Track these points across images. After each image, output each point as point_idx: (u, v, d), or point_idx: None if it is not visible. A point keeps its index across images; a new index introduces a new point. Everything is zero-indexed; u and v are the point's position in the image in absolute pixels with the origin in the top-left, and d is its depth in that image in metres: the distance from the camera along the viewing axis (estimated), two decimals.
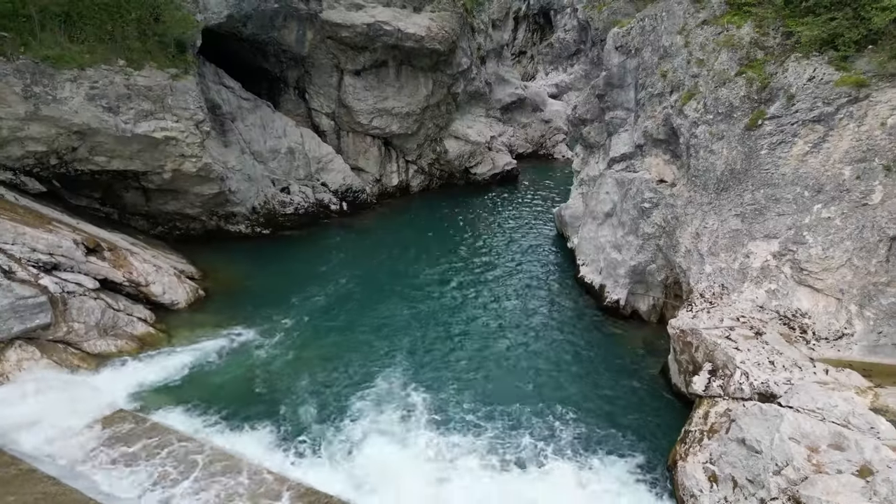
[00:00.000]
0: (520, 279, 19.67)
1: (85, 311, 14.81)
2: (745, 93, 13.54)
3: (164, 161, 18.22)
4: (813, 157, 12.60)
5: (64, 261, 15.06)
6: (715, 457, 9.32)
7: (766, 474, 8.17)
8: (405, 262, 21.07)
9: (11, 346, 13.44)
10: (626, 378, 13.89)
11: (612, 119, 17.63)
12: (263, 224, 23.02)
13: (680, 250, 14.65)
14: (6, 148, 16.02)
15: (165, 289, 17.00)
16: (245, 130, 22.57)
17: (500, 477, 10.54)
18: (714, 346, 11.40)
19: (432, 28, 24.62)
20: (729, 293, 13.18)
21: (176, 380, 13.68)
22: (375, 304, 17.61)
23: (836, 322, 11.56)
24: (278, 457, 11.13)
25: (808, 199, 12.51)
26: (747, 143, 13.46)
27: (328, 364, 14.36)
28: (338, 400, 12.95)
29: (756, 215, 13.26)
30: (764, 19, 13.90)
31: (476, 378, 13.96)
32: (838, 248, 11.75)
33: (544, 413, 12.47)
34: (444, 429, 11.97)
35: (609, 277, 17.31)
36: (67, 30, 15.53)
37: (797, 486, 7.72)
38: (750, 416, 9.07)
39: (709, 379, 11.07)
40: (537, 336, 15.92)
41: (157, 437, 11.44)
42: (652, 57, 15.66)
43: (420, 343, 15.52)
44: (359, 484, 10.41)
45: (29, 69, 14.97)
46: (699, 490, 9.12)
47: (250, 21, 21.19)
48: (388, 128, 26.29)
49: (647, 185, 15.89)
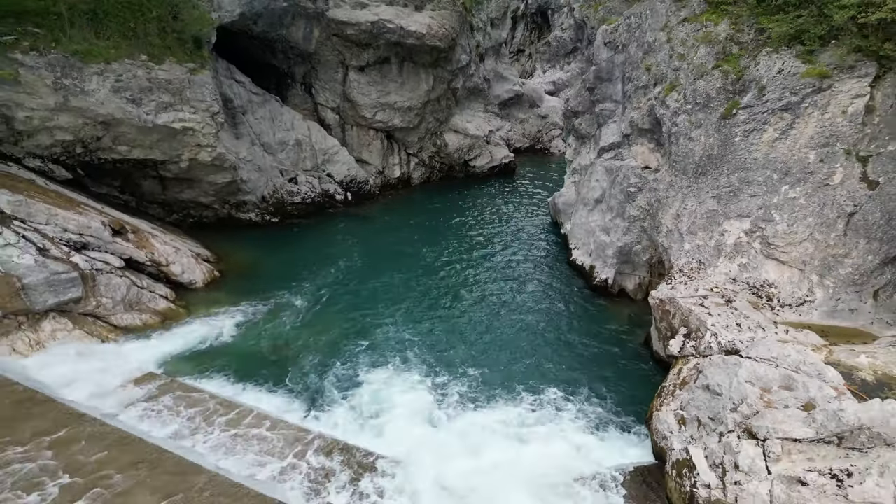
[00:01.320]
0: (515, 262, 20.88)
1: (112, 288, 16.01)
2: (721, 84, 14.72)
3: (182, 150, 19.40)
4: (781, 143, 13.78)
5: (92, 240, 16.26)
6: (684, 404, 10.53)
7: (724, 412, 9.37)
8: (407, 246, 22.27)
9: (46, 318, 14.65)
10: (611, 347, 15.10)
11: (602, 111, 18.82)
12: (273, 212, 24.19)
13: (662, 230, 15.85)
14: (36, 137, 17.20)
15: (184, 269, 18.20)
16: (255, 123, 23.75)
17: (490, 412, 11.86)
18: (689, 312, 12.60)
19: (433, 26, 25.80)
20: (705, 268, 14.37)
21: (197, 349, 14.89)
22: (378, 282, 18.81)
23: (799, 290, 12.77)
24: (296, 412, 12.33)
25: (777, 181, 13.70)
26: (723, 130, 14.64)
27: (335, 332, 15.60)
28: (345, 361, 14.18)
29: (730, 197, 14.45)
30: (739, 17, 15.08)
31: (471, 342, 15.22)
32: (801, 224, 12.95)
33: (534, 371, 13.73)
34: (440, 382, 13.23)
35: (598, 259, 18.50)
36: (94, 26, 16.69)
37: (750, 420, 8.92)
38: (714, 367, 10.27)
39: (683, 341, 12.26)
40: (530, 309, 17.14)
41: (185, 394, 12.62)
42: (637, 52, 16.85)
43: (420, 313, 16.75)
44: (363, 427, 11.67)
45: (59, 63, 16.15)
46: (669, 432, 10.32)
47: (261, 19, 22.37)
48: (391, 121, 27.48)
49: (633, 171, 17.08)
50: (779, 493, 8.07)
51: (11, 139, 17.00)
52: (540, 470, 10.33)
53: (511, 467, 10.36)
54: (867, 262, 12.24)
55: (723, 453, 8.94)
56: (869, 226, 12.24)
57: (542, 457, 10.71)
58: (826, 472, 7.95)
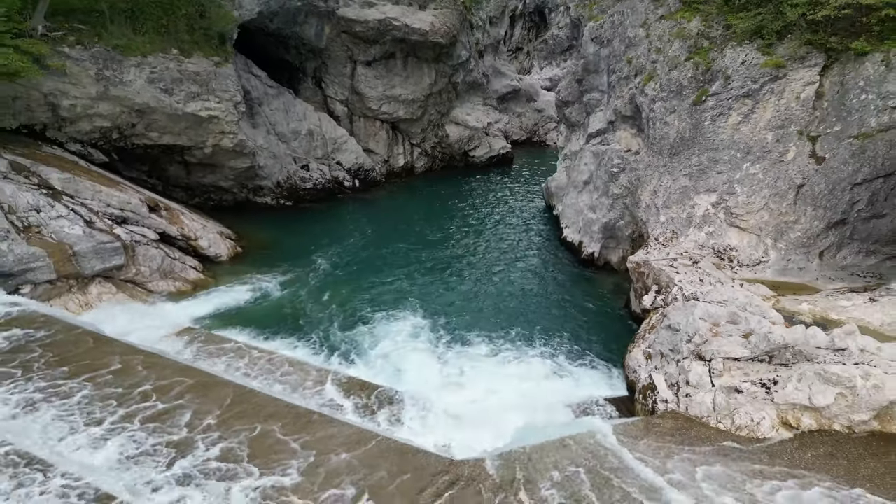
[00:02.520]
0: (510, 239, 22.77)
1: (149, 258, 17.86)
2: (693, 74, 16.55)
3: (207, 137, 21.26)
4: (744, 126, 15.63)
5: (132, 215, 18.12)
6: (651, 343, 12.40)
7: (681, 344, 11.24)
8: (411, 225, 24.16)
9: (93, 282, 16.53)
10: (595, 308, 16.98)
11: (590, 100, 20.68)
12: (286, 197, 26.07)
13: (641, 205, 17.70)
14: (78, 123, 19.06)
15: (210, 244, 20.07)
16: (270, 114, 25.61)
17: (488, 353, 13.79)
18: (660, 272, 14.46)
19: (435, 24, 27.64)
20: (678, 236, 16.24)
21: (227, 310, 16.74)
22: (385, 254, 20.73)
23: (756, 253, 14.63)
24: (318, 357, 14.21)
25: (740, 159, 15.55)
26: (694, 115, 16.48)
27: (349, 294, 17.54)
28: (358, 319, 16.04)
29: (700, 174, 16.31)
30: (709, 14, 16.92)
31: (469, 300, 17.22)
32: (759, 196, 14.81)
33: (526, 324, 15.62)
34: (442, 332, 15.13)
35: (586, 234, 20.37)
36: (132, 23, 18.55)
37: (700, 346, 10.80)
38: (676, 310, 12.14)
39: (655, 296, 14.13)
40: (522, 277, 19.03)
41: (221, 344, 14.49)
42: (620, 46, 18.70)
43: (423, 279, 18.69)
44: (378, 372, 13.52)
45: (101, 56, 18.01)
46: (638, 366, 12.19)
47: (276, 17, 24.23)
48: (396, 113, 29.34)
49: (617, 153, 18.94)
50: (720, 401, 9.95)
51: (56, 125, 18.86)
52: (530, 399, 12.20)
53: (506, 396, 12.23)
54: (813, 226, 14.11)
55: (678, 374, 10.83)
56: (815, 195, 14.10)
57: (532, 388, 12.59)
58: (758, 381, 9.83)
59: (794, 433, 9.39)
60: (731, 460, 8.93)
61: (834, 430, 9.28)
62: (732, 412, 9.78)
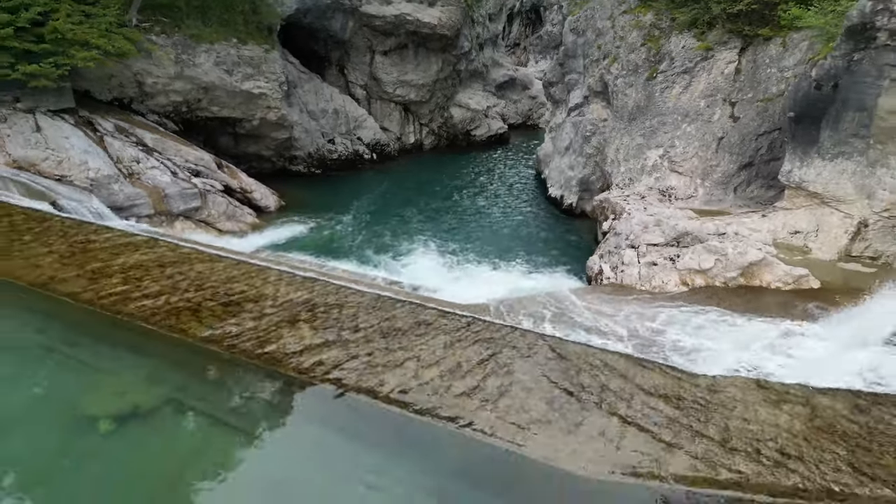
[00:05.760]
0: (504, 196, 27.47)
1: (217, 204, 22.51)
2: (646, 56, 21.16)
3: (256, 110, 25.92)
4: (683, 95, 20.24)
5: (204, 170, 22.78)
6: (603, 248, 17.08)
7: (622, 241, 15.91)
8: (422, 187, 28.87)
9: (177, 219, 21.17)
10: (569, 240, 21.65)
11: (569, 80, 25.32)
12: (316, 166, 30.71)
13: (607, 161, 22.34)
14: (157, 98, 23.71)
15: (262, 196, 24.73)
16: (303, 95, 30.25)
17: (479, 269, 18.45)
18: (616, 204, 19.10)
19: (442, 18, 32.27)
20: (633, 183, 20.87)
21: (281, 243, 21.37)
22: (402, 208, 25.39)
23: (689, 190, 19.27)
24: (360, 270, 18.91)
25: (680, 121, 20.17)
26: (647, 88, 21.08)
27: (377, 231, 22.20)
28: (384, 247, 20.68)
29: (651, 134, 20.92)
30: (659, 10, 21.51)
31: (469, 239, 21.79)
32: (691, 148, 19.45)
33: (512, 251, 20.26)
34: (448, 255, 19.83)
35: (566, 189, 25.02)
36: (202, 17, 23.19)
37: (633, 240, 15.46)
38: (621, 222, 16.82)
39: (611, 221, 18.78)
40: (513, 222, 23.71)
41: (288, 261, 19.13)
42: (592, 35, 23.34)
43: (433, 224, 23.31)
44: (403, 277, 18.17)
45: (180, 43, 22.67)
46: (594, 263, 16.84)
47: (309, 13, 28.88)
48: (408, 96, 34.01)
49: (590, 122, 23.58)
50: (643, 272, 14.61)
51: (140, 99, 23.51)
52: (514, 287, 16.83)
53: (496, 287, 16.84)
54: (729, 169, 18.75)
55: (618, 261, 15.50)
56: (731, 145, 18.73)
57: (517, 282, 17.24)
58: (667, 257, 14.50)
59: (689, 288, 14.05)
60: (644, 301, 13.59)
61: (715, 285, 13.93)
62: (651, 278, 14.45)
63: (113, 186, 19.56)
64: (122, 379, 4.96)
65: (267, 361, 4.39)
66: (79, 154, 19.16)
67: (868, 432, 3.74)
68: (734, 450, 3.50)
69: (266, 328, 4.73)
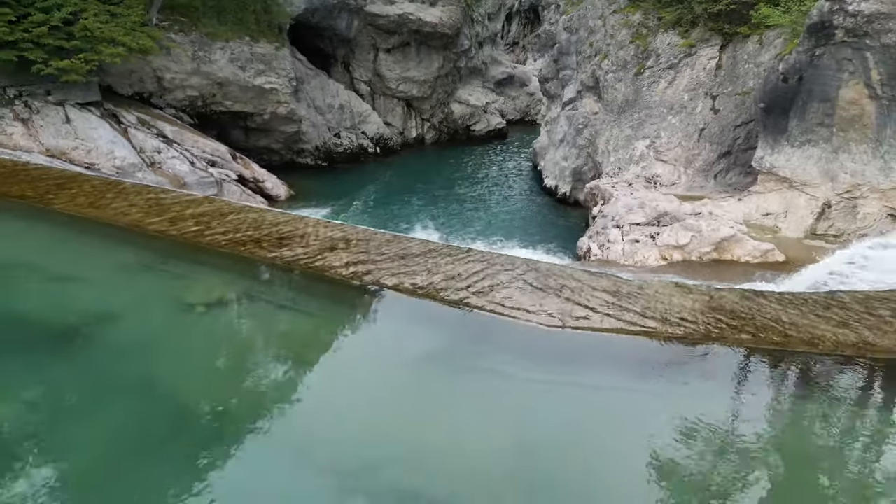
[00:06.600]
0: (502, 186, 28.94)
1: (231, 192, 23.92)
2: (635, 53, 22.60)
3: (267, 105, 27.35)
4: (669, 90, 21.69)
5: (219, 160, 24.22)
6: (592, 229, 18.53)
7: (609, 223, 17.36)
8: (424, 178, 30.32)
9: None
10: (562, 225, 23.11)
11: (563, 76, 26.76)
12: (322, 158, 32.12)
13: (598, 152, 23.79)
14: (174, 92, 25.16)
15: (273, 186, 26.17)
16: (310, 91, 31.68)
17: (483, 242, 19.92)
18: (605, 190, 20.55)
19: (443, 17, 33.70)
20: (622, 172, 22.32)
21: None
22: (405, 196, 26.88)
23: (673, 177, 20.72)
24: None
25: (665, 114, 21.62)
26: (635, 83, 22.52)
27: (383, 215, 23.70)
28: (389, 227, 22.17)
29: (639, 126, 22.36)
30: (647, 9, 22.96)
31: (469, 223, 23.28)
32: (675, 138, 20.90)
33: (508, 234, 21.74)
34: (448, 237, 21.23)
35: (560, 179, 26.47)
36: (217, 16, 24.63)
37: (618, 221, 16.92)
38: (608, 205, 18.27)
39: (601, 206, 20.23)
40: (510, 209, 25.20)
41: None
42: (584, 33, 24.78)
43: (435, 209, 24.76)
44: None
45: (197, 41, 24.11)
46: (583, 244, 18.29)
47: (317, 12, 30.32)
48: (410, 92, 35.45)
49: (583, 115, 25.03)
50: (627, 248, 16.06)
51: (159, 93, 24.95)
52: None
53: None
54: (710, 157, 20.21)
55: (604, 240, 16.95)
56: (712, 135, 20.18)
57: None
58: (648, 235, 15.95)
59: (667, 262, 15.51)
60: (627, 274, 15.04)
61: (691, 259, 15.38)
62: (633, 254, 15.90)
63: (137, 174, 20.99)
64: (208, 283, 6.50)
65: (316, 270, 5.83)
66: (106, 144, 20.61)
67: (748, 310, 5.16)
68: (649, 317, 4.91)
69: (313, 253, 6.15)
